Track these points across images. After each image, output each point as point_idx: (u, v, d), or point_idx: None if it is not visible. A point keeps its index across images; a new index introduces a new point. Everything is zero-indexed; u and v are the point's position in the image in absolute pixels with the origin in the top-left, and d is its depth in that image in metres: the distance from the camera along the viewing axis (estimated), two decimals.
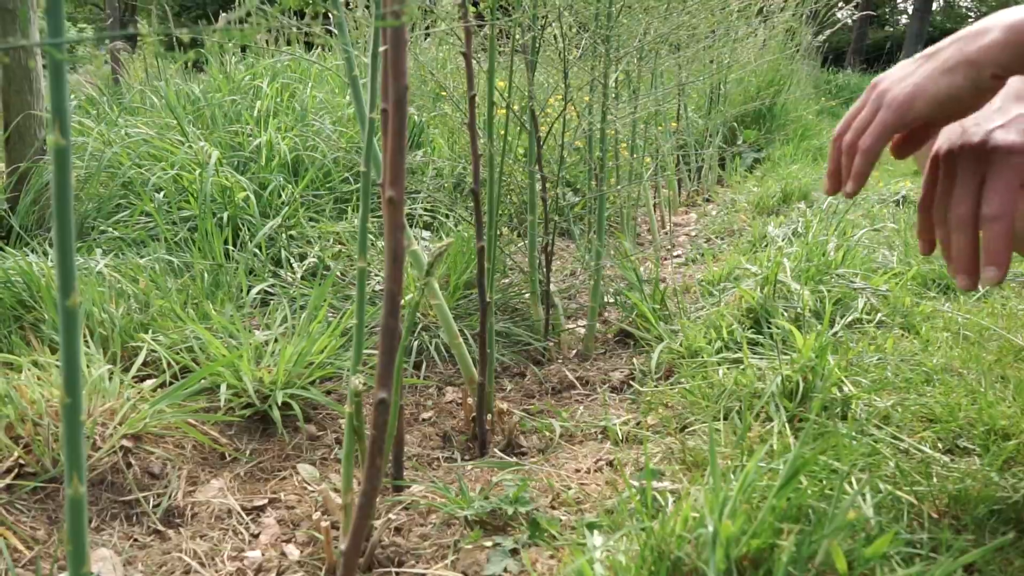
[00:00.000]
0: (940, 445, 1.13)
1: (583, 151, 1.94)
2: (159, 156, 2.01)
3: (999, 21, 0.65)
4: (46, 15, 0.55)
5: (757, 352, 1.42)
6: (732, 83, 4.08)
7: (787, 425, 1.10)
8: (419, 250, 1.27)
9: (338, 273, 1.73)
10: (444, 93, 1.80)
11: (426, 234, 2.13)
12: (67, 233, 0.55)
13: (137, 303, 1.41)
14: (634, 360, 1.62)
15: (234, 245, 1.79)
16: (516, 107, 1.62)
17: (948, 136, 0.72)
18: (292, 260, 1.77)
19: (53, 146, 0.54)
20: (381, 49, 0.72)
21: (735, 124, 4.35)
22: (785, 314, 1.53)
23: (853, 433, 1.07)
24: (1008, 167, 0.66)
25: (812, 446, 1.01)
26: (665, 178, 3.27)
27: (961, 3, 27.36)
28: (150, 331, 1.33)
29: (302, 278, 1.72)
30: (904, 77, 0.71)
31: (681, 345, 1.53)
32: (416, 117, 2.49)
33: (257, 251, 1.74)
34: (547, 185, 1.60)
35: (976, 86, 0.66)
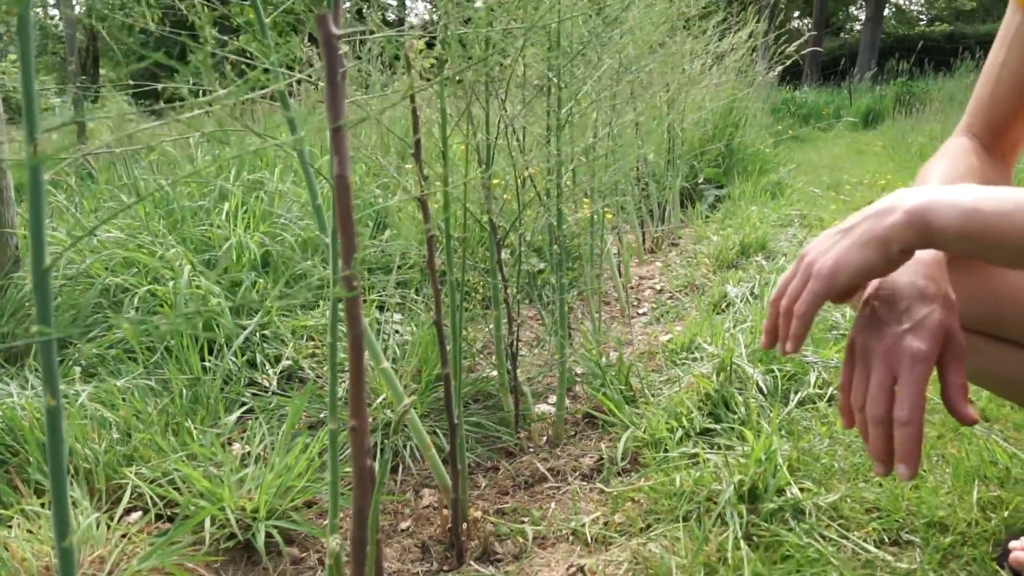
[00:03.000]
0: (885, 538, 1.21)
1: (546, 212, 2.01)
2: (131, 261, 2.06)
3: (901, 202, 0.73)
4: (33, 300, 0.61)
5: (715, 442, 1.50)
6: (690, 124, 4.20)
7: (741, 536, 1.18)
8: (388, 368, 1.33)
9: (313, 377, 1.79)
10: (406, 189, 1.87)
11: (397, 317, 2.20)
12: (61, 487, 0.62)
13: (119, 432, 1.46)
14: (602, 444, 1.70)
15: (209, 352, 1.85)
16: (472, 206, 1.70)
17: (863, 326, 0.78)
18: (267, 364, 1.82)
19: (45, 407, 0.61)
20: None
21: (695, 163, 4.47)
22: (741, 397, 1.61)
23: (802, 540, 1.15)
24: (916, 374, 0.71)
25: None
26: (628, 226, 3.37)
27: (912, 7, 28.02)
28: (133, 464, 1.38)
29: (278, 382, 1.78)
30: (826, 250, 0.77)
31: (645, 432, 1.61)
32: (382, 200, 2.56)
33: (233, 358, 1.80)
34: (507, 287, 1.67)
35: (887, 259, 0.74)
